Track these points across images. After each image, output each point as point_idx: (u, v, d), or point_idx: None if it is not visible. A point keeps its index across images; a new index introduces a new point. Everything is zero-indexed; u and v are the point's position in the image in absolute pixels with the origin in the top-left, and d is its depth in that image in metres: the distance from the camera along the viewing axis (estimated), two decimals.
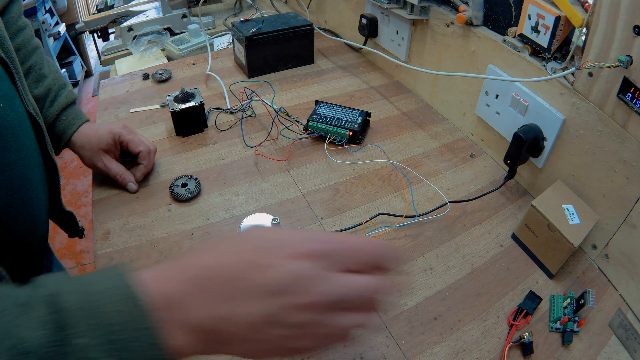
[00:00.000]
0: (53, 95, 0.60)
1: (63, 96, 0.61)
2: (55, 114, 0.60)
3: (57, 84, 0.61)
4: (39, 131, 0.50)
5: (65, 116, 0.61)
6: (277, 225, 0.57)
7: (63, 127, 0.61)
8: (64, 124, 0.61)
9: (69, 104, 0.63)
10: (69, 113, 0.62)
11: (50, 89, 0.60)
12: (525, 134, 0.63)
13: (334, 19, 1.18)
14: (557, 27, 0.58)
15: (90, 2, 3.14)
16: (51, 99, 0.60)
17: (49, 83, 0.60)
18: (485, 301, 0.55)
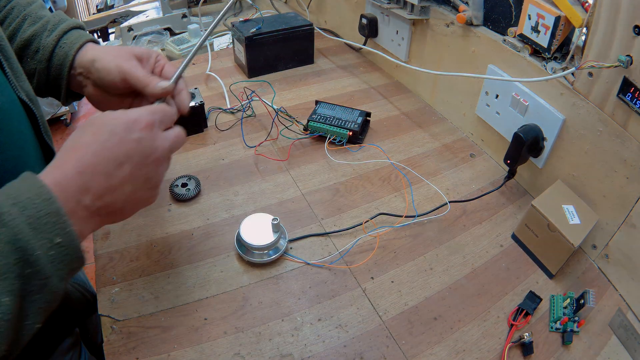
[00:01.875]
0: (52, 25, 0.50)
1: (65, 23, 0.51)
2: (54, 39, 0.49)
3: (58, 17, 0.51)
4: (34, 119, 0.45)
5: (66, 39, 0.50)
6: (277, 225, 0.57)
7: (64, 51, 0.49)
8: (65, 47, 0.49)
9: (72, 28, 0.51)
10: (72, 35, 0.50)
11: (48, 21, 0.50)
12: (525, 134, 0.63)
13: (334, 19, 1.18)
14: (557, 27, 0.58)
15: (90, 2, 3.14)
16: (50, 29, 0.50)
17: (48, 18, 0.50)
18: (485, 301, 0.55)
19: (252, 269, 0.57)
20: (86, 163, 0.35)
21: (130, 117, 0.38)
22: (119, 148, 0.37)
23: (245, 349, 0.49)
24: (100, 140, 0.36)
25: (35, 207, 0.31)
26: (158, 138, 0.40)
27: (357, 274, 0.57)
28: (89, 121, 0.38)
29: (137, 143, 0.38)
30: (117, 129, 0.37)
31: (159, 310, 0.52)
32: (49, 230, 0.31)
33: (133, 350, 0.48)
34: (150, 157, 0.39)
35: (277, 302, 0.54)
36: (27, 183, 0.32)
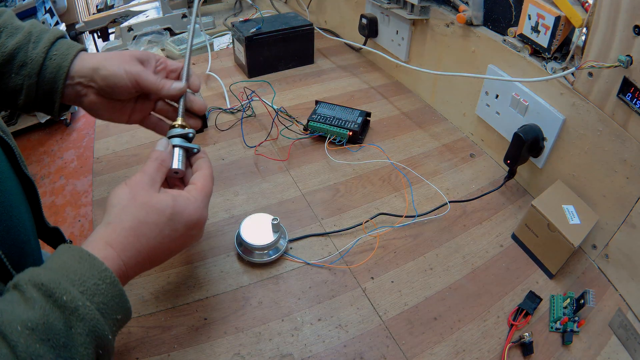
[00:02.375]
0: (36, 37, 0.47)
1: (49, 33, 0.48)
2: (43, 51, 0.46)
3: (39, 27, 0.49)
4: (8, 149, 0.43)
5: (56, 50, 0.47)
6: (277, 225, 0.57)
7: (57, 63, 0.47)
8: (57, 58, 0.47)
9: (58, 37, 0.49)
10: (61, 45, 0.48)
11: (30, 32, 0.47)
12: (525, 134, 0.63)
13: (334, 19, 1.18)
14: (557, 27, 0.58)
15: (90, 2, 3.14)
16: (34, 40, 0.47)
17: (28, 29, 0.48)
18: (485, 301, 0.55)
19: (252, 269, 0.57)
20: (145, 255, 0.39)
21: (193, 216, 0.41)
22: (176, 243, 0.41)
23: (245, 349, 0.49)
24: (163, 235, 0.39)
25: (102, 293, 0.33)
26: (203, 230, 0.45)
27: (357, 274, 0.57)
28: (148, 202, 0.40)
29: (192, 237, 0.43)
30: (180, 227, 0.41)
31: (159, 310, 0.52)
32: (114, 312, 0.34)
33: (133, 350, 0.48)
34: (195, 240, 0.45)
35: (277, 302, 0.54)
36: (87, 265, 0.34)
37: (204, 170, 0.46)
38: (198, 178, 0.45)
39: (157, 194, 0.41)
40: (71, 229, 1.88)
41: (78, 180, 2.14)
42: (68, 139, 2.40)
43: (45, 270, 0.32)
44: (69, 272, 0.33)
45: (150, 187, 0.41)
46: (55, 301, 0.31)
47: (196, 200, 0.42)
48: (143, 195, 0.40)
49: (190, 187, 0.44)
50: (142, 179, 0.41)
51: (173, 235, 0.40)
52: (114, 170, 0.72)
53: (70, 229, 1.89)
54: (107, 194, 0.43)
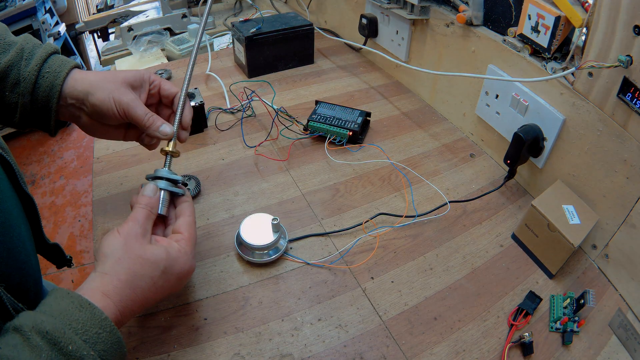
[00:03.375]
0: (28, 53, 0.46)
1: (41, 49, 0.47)
2: (35, 69, 0.45)
3: (31, 42, 0.48)
4: (8, 167, 0.43)
5: (48, 68, 0.46)
6: (277, 225, 0.57)
7: (49, 81, 0.46)
8: (49, 76, 0.46)
9: (50, 54, 0.48)
10: (53, 62, 0.47)
11: (23, 49, 0.46)
12: (525, 134, 0.63)
13: (334, 19, 1.18)
14: (557, 27, 0.58)
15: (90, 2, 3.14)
16: (27, 57, 0.46)
17: (20, 44, 0.47)
18: (485, 301, 0.55)
19: (252, 269, 0.57)
20: (140, 305, 0.41)
21: (184, 268, 0.44)
22: (168, 291, 0.44)
23: (245, 349, 0.49)
24: (157, 286, 0.42)
25: (103, 341, 0.35)
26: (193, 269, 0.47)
27: (357, 274, 0.58)
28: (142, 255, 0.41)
29: (182, 285, 0.46)
30: (172, 278, 0.43)
31: (159, 310, 0.52)
32: (114, 357, 0.36)
33: (133, 350, 0.48)
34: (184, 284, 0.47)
35: (277, 302, 0.54)
36: (88, 314, 0.35)
37: (188, 218, 0.47)
38: (184, 227, 0.46)
39: (150, 245, 0.42)
40: (71, 229, 1.88)
41: (78, 180, 2.14)
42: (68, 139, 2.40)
43: (47, 317, 0.33)
44: (71, 321, 0.34)
45: (142, 238, 0.42)
46: (60, 349, 0.32)
47: (186, 253, 0.44)
48: (137, 248, 0.41)
49: (179, 236, 0.45)
50: (134, 229, 0.42)
51: (165, 285, 0.42)
52: (114, 170, 0.72)
53: (70, 229, 1.89)
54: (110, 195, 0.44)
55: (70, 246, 1.82)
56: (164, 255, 0.42)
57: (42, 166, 2.21)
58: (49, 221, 1.92)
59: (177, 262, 0.43)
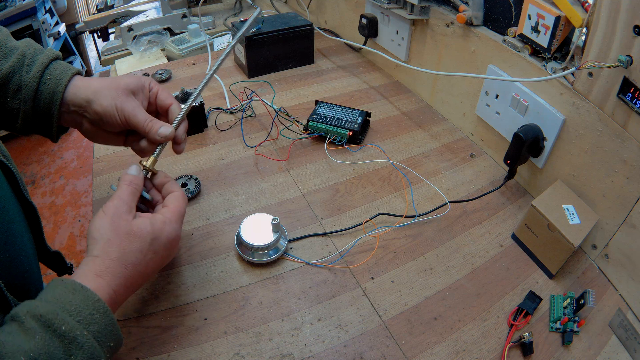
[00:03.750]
0: (30, 59, 0.47)
1: (43, 55, 0.48)
2: (37, 76, 0.46)
3: (33, 48, 0.48)
4: (10, 174, 0.43)
5: (49, 74, 0.47)
6: (277, 225, 0.57)
7: (51, 88, 0.46)
8: (51, 83, 0.47)
9: (52, 60, 0.48)
10: (54, 69, 0.48)
11: (24, 55, 0.47)
12: (525, 134, 0.63)
13: (334, 19, 1.18)
14: (557, 27, 0.58)
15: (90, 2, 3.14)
16: (28, 63, 0.47)
17: (22, 50, 0.47)
18: (485, 301, 0.55)
19: (252, 269, 0.57)
20: (133, 280, 0.42)
21: (170, 236, 0.45)
22: (158, 263, 0.45)
23: (245, 349, 0.49)
24: (147, 259, 0.43)
25: (97, 322, 0.35)
26: (178, 246, 0.48)
27: (357, 274, 0.58)
28: (129, 231, 0.42)
29: (170, 256, 0.47)
30: (160, 249, 0.44)
31: (159, 310, 0.52)
32: (108, 339, 0.36)
33: (133, 351, 0.48)
34: (171, 259, 0.49)
35: (277, 302, 0.54)
36: (81, 296, 0.36)
37: (175, 193, 0.49)
38: (171, 200, 0.48)
39: (135, 220, 0.43)
40: (71, 229, 1.88)
41: (78, 180, 2.14)
42: (68, 139, 2.40)
43: (42, 302, 0.34)
44: (64, 304, 0.34)
45: (127, 214, 0.43)
46: (54, 331, 0.32)
47: (171, 222, 0.45)
48: (123, 225, 0.42)
49: (163, 209, 0.47)
50: (119, 207, 0.43)
51: (155, 258, 0.44)
52: (114, 170, 0.72)
53: (70, 229, 1.89)
54: (110, 195, 0.44)
55: (70, 246, 1.82)
56: (149, 227, 0.43)
57: (42, 166, 2.21)
58: (49, 221, 1.92)
59: (163, 232, 0.44)
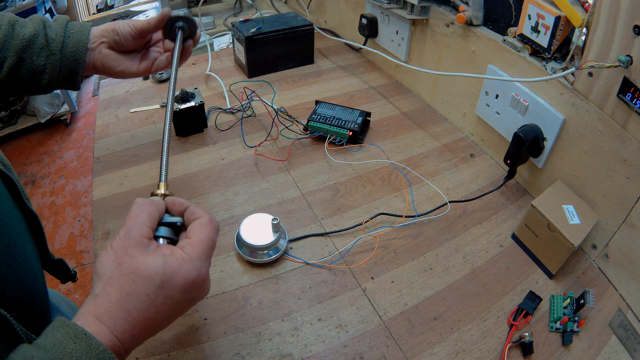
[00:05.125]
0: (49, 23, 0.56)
1: (59, 19, 0.57)
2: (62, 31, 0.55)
3: (45, 17, 0.57)
4: (11, 185, 0.43)
5: (71, 29, 0.56)
6: (277, 225, 0.57)
7: (77, 38, 0.56)
8: (75, 34, 0.56)
9: (67, 21, 0.57)
10: (74, 25, 0.57)
11: (42, 20, 0.56)
12: (525, 134, 0.63)
13: (334, 19, 1.18)
14: (557, 27, 0.58)
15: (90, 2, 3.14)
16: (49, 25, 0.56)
17: (40, 18, 0.56)
18: (485, 301, 0.55)
19: (252, 269, 0.57)
20: (140, 329, 0.35)
21: (188, 279, 0.36)
22: (174, 309, 0.36)
23: (245, 349, 0.49)
24: (156, 304, 0.35)
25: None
26: (208, 285, 0.38)
27: (357, 274, 0.57)
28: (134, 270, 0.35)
29: (191, 300, 0.37)
30: (174, 294, 0.35)
31: None
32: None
33: (133, 350, 0.47)
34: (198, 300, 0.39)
35: (277, 302, 0.54)
36: (83, 345, 0.31)
37: (201, 219, 0.39)
38: (194, 229, 0.38)
39: (145, 256, 0.35)
40: (71, 229, 1.89)
41: (78, 180, 2.14)
42: (68, 139, 2.40)
43: (39, 351, 0.30)
44: (64, 354, 0.30)
45: (135, 248, 0.35)
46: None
47: (191, 259, 0.36)
48: (129, 262, 0.35)
49: (185, 242, 0.38)
50: (126, 239, 0.36)
51: (169, 303, 0.35)
52: (114, 170, 0.72)
53: (70, 229, 1.89)
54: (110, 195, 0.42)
55: (70, 246, 1.82)
56: (160, 267, 0.35)
57: (42, 166, 2.21)
58: (49, 221, 1.92)
59: (178, 273, 0.35)
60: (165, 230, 0.38)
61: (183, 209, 0.40)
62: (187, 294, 0.36)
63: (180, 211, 0.40)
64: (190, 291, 0.36)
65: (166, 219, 0.39)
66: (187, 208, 0.40)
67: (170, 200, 0.40)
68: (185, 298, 0.36)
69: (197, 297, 0.38)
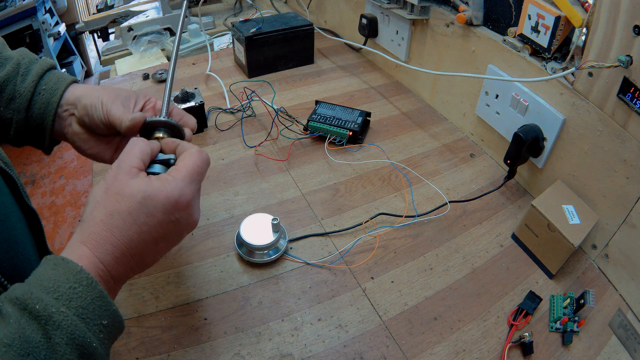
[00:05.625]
0: (24, 69, 0.46)
1: (37, 65, 0.47)
2: (31, 86, 0.45)
3: (27, 57, 0.47)
4: (11, 182, 0.42)
5: (44, 84, 0.46)
6: (277, 225, 0.57)
7: (46, 98, 0.46)
8: (46, 94, 0.46)
9: (47, 70, 0.47)
10: (50, 79, 0.47)
11: (19, 64, 0.46)
12: (525, 134, 0.63)
13: (334, 19, 1.18)
14: (557, 27, 0.58)
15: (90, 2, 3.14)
16: (22, 73, 0.46)
17: (17, 60, 0.46)
18: (485, 301, 0.55)
19: (252, 269, 0.57)
20: (123, 249, 0.34)
21: (171, 198, 0.36)
22: (157, 231, 0.36)
23: (245, 349, 0.49)
24: (138, 223, 0.35)
25: (80, 297, 0.30)
26: (194, 212, 0.38)
27: (357, 274, 0.57)
28: (119, 191, 0.35)
29: (176, 224, 0.37)
30: (156, 212, 0.35)
31: (159, 310, 0.52)
32: (97, 316, 0.31)
33: (133, 350, 0.47)
34: (186, 230, 0.39)
35: (277, 302, 0.54)
36: (61, 270, 0.31)
37: (190, 150, 0.40)
38: (181, 158, 0.39)
39: (132, 180, 0.36)
40: (71, 229, 1.89)
41: (78, 180, 2.14)
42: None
43: (21, 285, 0.31)
44: (42, 280, 0.30)
45: (125, 174, 0.36)
46: (30, 313, 0.28)
47: (174, 180, 0.36)
48: (115, 185, 0.35)
49: (171, 169, 0.38)
50: (117, 169, 0.37)
51: (150, 223, 0.35)
52: None
53: (70, 229, 1.89)
54: None
55: None
56: (143, 186, 0.35)
57: (42, 166, 2.21)
58: (49, 221, 1.92)
59: (161, 191, 0.35)
60: (158, 167, 0.39)
61: (175, 146, 0.41)
62: (170, 215, 0.36)
63: (172, 149, 0.41)
64: (172, 212, 0.36)
65: (160, 157, 0.40)
66: (178, 145, 0.41)
67: (165, 141, 0.41)
68: (168, 219, 0.36)
69: (181, 221, 0.37)
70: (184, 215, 0.37)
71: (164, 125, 0.43)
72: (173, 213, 0.36)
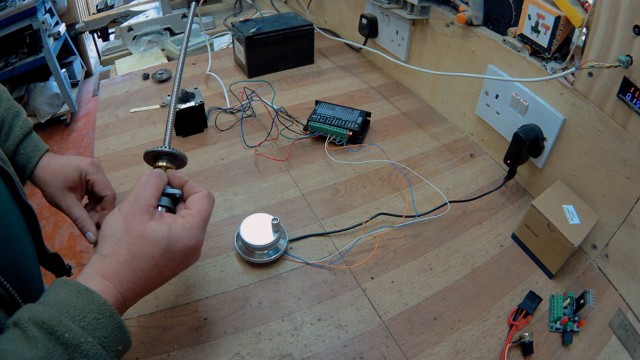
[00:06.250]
0: (7, 128, 0.53)
1: (18, 126, 0.54)
2: (12, 148, 0.53)
3: (11, 112, 0.54)
4: (8, 179, 0.45)
5: (23, 149, 0.54)
6: (277, 225, 0.57)
7: (23, 162, 0.54)
8: (23, 157, 0.54)
9: (26, 135, 0.55)
10: (27, 145, 0.55)
11: (3, 121, 0.53)
12: (525, 134, 0.63)
13: (334, 19, 1.18)
14: (557, 27, 0.58)
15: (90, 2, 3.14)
16: (6, 132, 0.53)
17: (2, 114, 0.53)
18: (485, 301, 0.55)
19: (252, 269, 0.57)
20: (142, 286, 0.39)
21: (188, 245, 0.40)
22: (174, 271, 0.41)
23: (245, 349, 0.49)
24: (159, 266, 0.39)
25: (103, 327, 0.34)
26: (200, 253, 0.44)
27: (357, 274, 0.57)
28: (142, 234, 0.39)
29: (188, 262, 0.43)
30: (175, 257, 0.40)
31: (159, 310, 0.52)
32: (115, 343, 0.34)
33: (133, 350, 0.47)
34: (192, 262, 0.43)
35: (277, 302, 0.54)
36: (85, 299, 0.34)
37: (200, 193, 0.44)
38: (194, 201, 0.43)
39: (151, 222, 0.39)
40: (71, 229, 1.88)
41: None
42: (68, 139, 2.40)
43: (44, 307, 0.33)
44: (68, 308, 0.33)
45: (143, 214, 0.40)
46: (57, 338, 0.31)
47: (191, 227, 0.41)
48: (137, 226, 0.39)
49: (185, 212, 0.42)
50: (135, 205, 0.40)
51: (169, 265, 0.40)
52: (114, 170, 0.72)
53: (70, 229, 1.89)
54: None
55: (71, 246, 1.82)
56: (165, 232, 0.39)
57: None
58: (49, 221, 1.92)
59: (180, 239, 0.40)
60: (166, 200, 0.43)
61: (183, 183, 0.45)
62: (186, 258, 0.41)
63: (179, 184, 0.45)
64: (188, 255, 0.41)
65: (167, 190, 0.44)
66: (186, 182, 0.45)
67: (171, 173, 0.45)
68: (183, 262, 0.41)
69: (192, 261, 0.43)
70: (195, 257, 0.43)
71: (168, 155, 0.46)
72: (189, 257, 0.42)
